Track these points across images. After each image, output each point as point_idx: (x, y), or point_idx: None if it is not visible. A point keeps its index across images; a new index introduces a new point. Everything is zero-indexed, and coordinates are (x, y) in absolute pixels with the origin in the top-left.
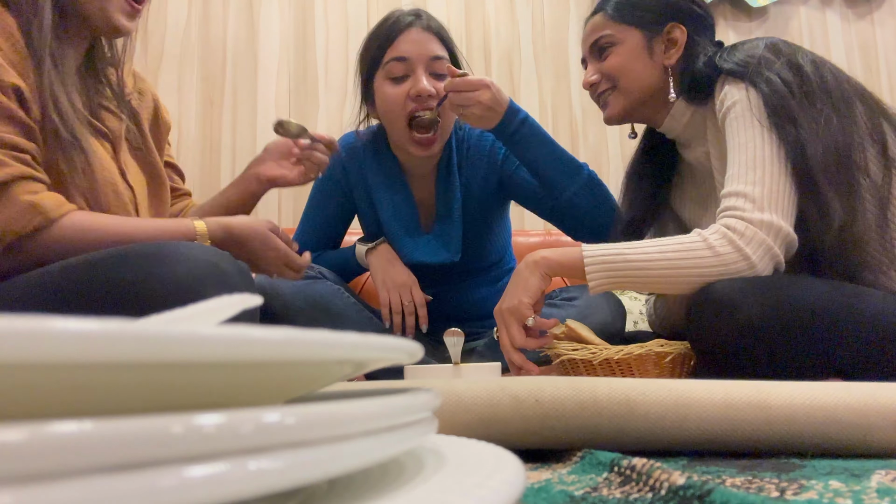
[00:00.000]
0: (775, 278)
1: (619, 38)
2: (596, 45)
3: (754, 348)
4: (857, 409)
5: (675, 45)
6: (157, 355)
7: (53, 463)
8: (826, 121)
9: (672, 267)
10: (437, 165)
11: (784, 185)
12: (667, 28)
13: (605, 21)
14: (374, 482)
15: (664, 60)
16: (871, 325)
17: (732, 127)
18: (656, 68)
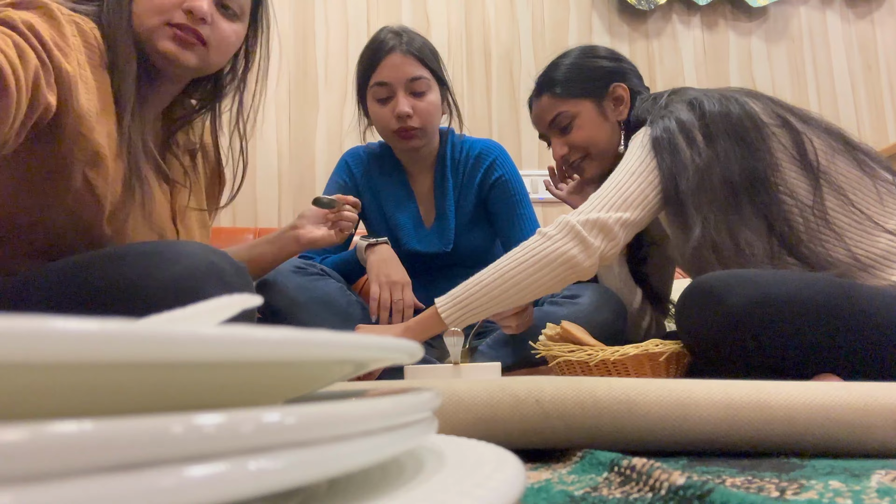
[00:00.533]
0: (761, 271)
1: (575, 111)
2: (555, 123)
3: (741, 339)
4: (856, 409)
5: (622, 102)
6: (157, 355)
7: (53, 463)
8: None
9: (512, 272)
10: (434, 166)
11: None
12: (610, 89)
13: (554, 101)
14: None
15: (617, 117)
16: (859, 317)
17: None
18: (614, 126)
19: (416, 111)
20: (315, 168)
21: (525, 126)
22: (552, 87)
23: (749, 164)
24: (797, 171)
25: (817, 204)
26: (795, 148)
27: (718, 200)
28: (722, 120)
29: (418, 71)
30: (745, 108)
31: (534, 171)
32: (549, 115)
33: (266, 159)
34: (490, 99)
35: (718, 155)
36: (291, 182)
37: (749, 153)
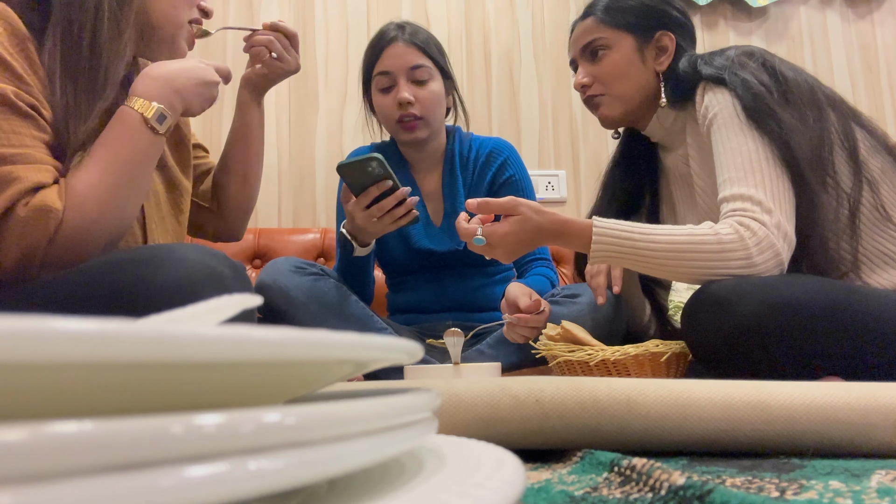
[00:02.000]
0: (768, 277)
1: (612, 42)
2: (588, 48)
3: (751, 347)
4: (857, 409)
5: (665, 52)
6: (157, 355)
7: (53, 463)
8: (803, 118)
9: (676, 257)
10: (441, 164)
11: (782, 186)
12: (657, 36)
13: (596, 25)
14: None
15: (655, 66)
16: (868, 323)
17: (720, 134)
18: (648, 73)
19: (417, 99)
20: (315, 168)
21: (525, 126)
22: (601, 10)
23: (818, 137)
24: (843, 157)
25: (854, 194)
26: (843, 132)
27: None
28: (797, 87)
29: (420, 59)
30: (807, 79)
31: (534, 172)
32: (586, 38)
33: (266, 159)
34: (490, 99)
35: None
36: (291, 182)
37: (817, 125)
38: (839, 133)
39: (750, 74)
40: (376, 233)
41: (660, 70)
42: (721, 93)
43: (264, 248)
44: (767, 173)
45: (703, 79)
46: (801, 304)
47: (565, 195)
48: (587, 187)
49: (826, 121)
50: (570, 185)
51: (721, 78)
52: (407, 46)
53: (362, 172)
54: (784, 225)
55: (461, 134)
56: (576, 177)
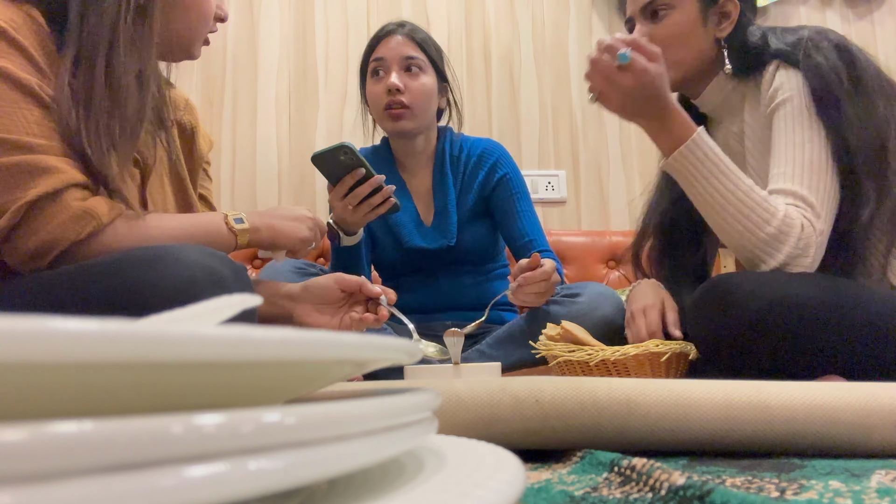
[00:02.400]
0: (774, 274)
1: (677, 4)
2: (650, 6)
3: (756, 343)
4: (857, 410)
5: (728, 19)
6: (158, 355)
7: (53, 463)
8: (871, 107)
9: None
10: (432, 163)
11: (833, 192)
12: (722, 1)
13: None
14: (375, 482)
15: (717, 33)
16: (874, 322)
17: (786, 122)
18: (708, 39)
19: (407, 88)
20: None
21: (525, 126)
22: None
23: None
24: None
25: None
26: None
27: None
28: (868, 72)
29: (414, 52)
30: (877, 66)
31: (534, 172)
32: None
33: (266, 159)
34: (490, 99)
35: (871, 113)
36: (291, 182)
37: (887, 116)
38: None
39: (823, 58)
40: (356, 223)
41: (720, 37)
42: (794, 75)
43: None
44: (822, 176)
45: (775, 55)
46: (808, 301)
47: (565, 195)
48: (587, 187)
49: (892, 109)
50: (570, 185)
51: (795, 58)
52: (404, 39)
53: (334, 162)
54: (825, 234)
55: (452, 134)
56: (576, 177)
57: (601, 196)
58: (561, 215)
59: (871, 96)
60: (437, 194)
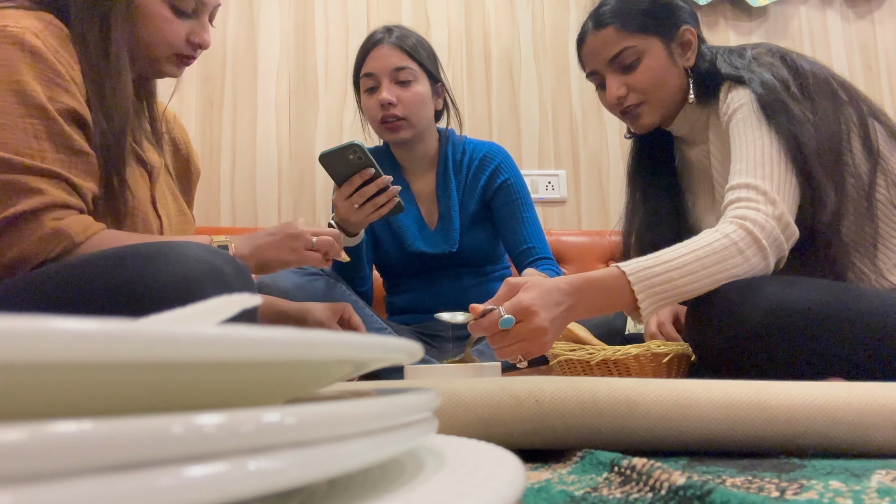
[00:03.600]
0: (771, 279)
1: (643, 49)
2: (618, 60)
3: (755, 350)
4: (857, 409)
5: (689, 47)
6: (158, 355)
7: (53, 463)
8: (820, 112)
9: (709, 276)
10: (434, 167)
11: (789, 180)
12: (680, 32)
13: (620, 34)
14: (375, 482)
15: (683, 63)
16: (871, 325)
17: (738, 128)
18: (680, 72)
19: (400, 100)
20: (315, 168)
21: (525, 126)
22: (617, 18)
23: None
24: (860, 149)
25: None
26: (861, 125)
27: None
28: (814, 79)
29: (403, 62)
30: (825, 72)
31: (534, 172)
32: (613, 49)
33: (266, 159)
34: (490, 99)
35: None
36: (291, 182)
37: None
38: (856, 124)
39: (767, 71)
40: (359, 222)
41: (687, 66)
42: (742, 91)
43: None
44: (777, 167)
45: (725, 78)
46: (806, 307)
47: (565, 195)
48: (587, 187)
49: (843, 111)
50: (570, 185)
51: (740, 77)
52: (391, 49)
53: (343, 161)
54: (786, 216)
55: (454, 137)
56: (576, 177)
57: (601, 196)
58: (561, 215)
59: (816, 99)
60: (441, 198)
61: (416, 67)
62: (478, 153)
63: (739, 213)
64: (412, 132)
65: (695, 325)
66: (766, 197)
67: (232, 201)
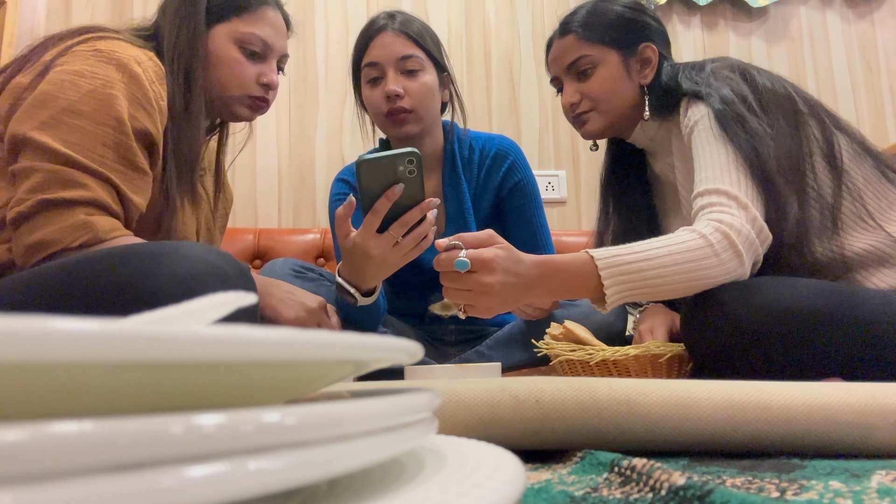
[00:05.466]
0: (767, 280)
1: (598, 59)
2: (574, 67)
3: (750, 351)
4: (857, 410)
5: (649, 65)
6: (158, 356)
7: (53, 463)
8: (778, 127)
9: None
10: (441, 165)
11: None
12: (640, 48)
13: (579, 42)
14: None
15: (640, 80)
16: (865, 324)
17: (699, 140)
18: (634, 87)
19: (407, 91)
20: (315, 168)
21: (525, 126)
22: (581, 27)
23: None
24: (824, 166)
25: (836, 204)
26: (825, 141)
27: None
28: (772, 94)
29: (410, 49)
30: (787, 88)
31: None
32: (571, 56)
33: (266, 159)
34: (490, 99)
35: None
36: (291, 182)
37: (794, 133)
38: (819, 140)
39: (725, 86)
40: (394, 264)
41: (644, 83)
42: (700, 105)
43: (264, 249)
44: (740, 175)
45: (684, 94)
46: (801, 307)
47: (565, 195)
48: (587, 187)
49: (804, 128)
50: (570, 185)
51: (698, 93)
52: (396, 36)
53: (388, 173)
54: (759, 220)
55: (458, 131)
56: (576, 177)
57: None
58: (561, 215)
59: (774, 114)
60: (450, 199)
61: (422, 56)
62: (489, 149)
63: (715, 217)
64: (420, 126)
65: (690, 327)
66: (738, 202)
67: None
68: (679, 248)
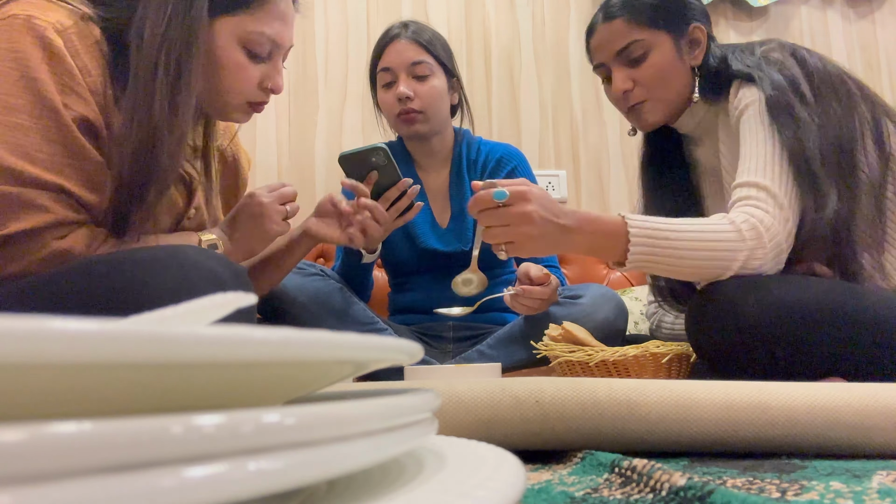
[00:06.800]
0: (774, 278)
1: (651, 44)
2: (625, 52)
3: (755, 348)
4: (858, 410)
5: (698, 46)
6: (158, 356)
7: (53, 463)
8: (830, 113)
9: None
10: (449, 165)
11: (793, 186)
12: (690, 29)
13: (629, 26)
14: (375, 483)
15: (691, 61)
16: (871, 325)
17: (747, 125)
18: (687, 70)
19: (417, 94)
20: (315, 168)
21: (525, 126)
22: (628, 11)
23: (848, 129)
24: (873, 148)
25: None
26: (874, 124)
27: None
28: (825, 77)
29: (420, 56)
30: (839, 69)
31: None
32: (621, 41)
33: (266, 159)
34: (490, 99)
35: (829, 115)
36: (291, 181)
37: (847, 117)
38: (870, 122)
39: (776, 70)
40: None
41: (695, 64)
42: (752, 88)
43: None
44: (783, 170)
45: (735, 76)
46: (806, 306)
47: (565, 195)
48: (587, 187)
49: (855, 110)
50: (570, 185)
51: (750, 75)
52: (408, 43)
53: (364, 164)
54: (791, 224)
55: (469, 137)
56: (576, 177)
57: (601, 196)
58: None
59: (826, 98)
60: (454, 196)
61: (432, 61)
62: (494, 154)
63: (749, 211)
64: (428, 126)
65: (696, 323)
66: (776, 200)
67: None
68: (710, 229)
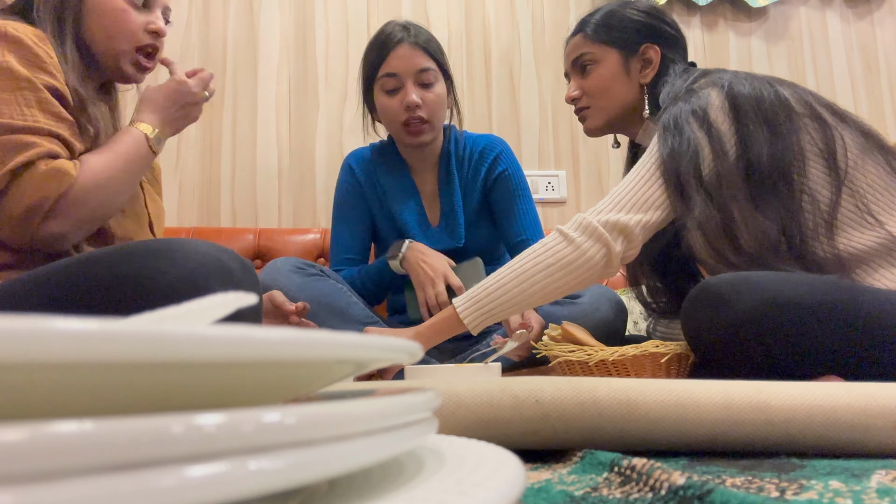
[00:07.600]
0: (767, 275)
1: (598, 57)
2: (577, 63)
3: (748, 343)
4: (857, 410)
5: (650, 65)
6: (158, 356)
7: (53, 463)
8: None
9: (540, 279)
10: (438, 163)
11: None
12: (642, 49)
13: (584, 41)
14: (375, 482)
15: (640, 79)
16: (866, 322)
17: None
18: (633, 86)
19: (424, 102)
20: (315, 168)
21: (525, 126)
22: (586, 27)
23: (776, 152)
24: (822, 169)
25: (833, 208)
26: (825, 143)
27: (736, 184)
28: (751, 103)
29: (427, 62)
30: (778, 94)
31: (534, 172)
32: (575, 53)
33: (266, 159)
34: (490, 99)
35: (744, 138)
36: (291, 182)
37: (777, 141)
38: (818, 143)
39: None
40: None
41: (644, 83)
42: None
43: (264, 249)
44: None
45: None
46: (799, 301)
47: (565, 195)
48: (587, 187)
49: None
50: (570, 185)
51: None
52: (414, 49)
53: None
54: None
55: (455, 132)
56: (576, 177)
57: (601, 196)
58: (561, 215)
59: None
60: (444, 195)
61: (436, 68)
62: (477, 146)
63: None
64: (433, 134)
65: (691, 321)
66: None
67: (232, 202)
68: (537, 254)
